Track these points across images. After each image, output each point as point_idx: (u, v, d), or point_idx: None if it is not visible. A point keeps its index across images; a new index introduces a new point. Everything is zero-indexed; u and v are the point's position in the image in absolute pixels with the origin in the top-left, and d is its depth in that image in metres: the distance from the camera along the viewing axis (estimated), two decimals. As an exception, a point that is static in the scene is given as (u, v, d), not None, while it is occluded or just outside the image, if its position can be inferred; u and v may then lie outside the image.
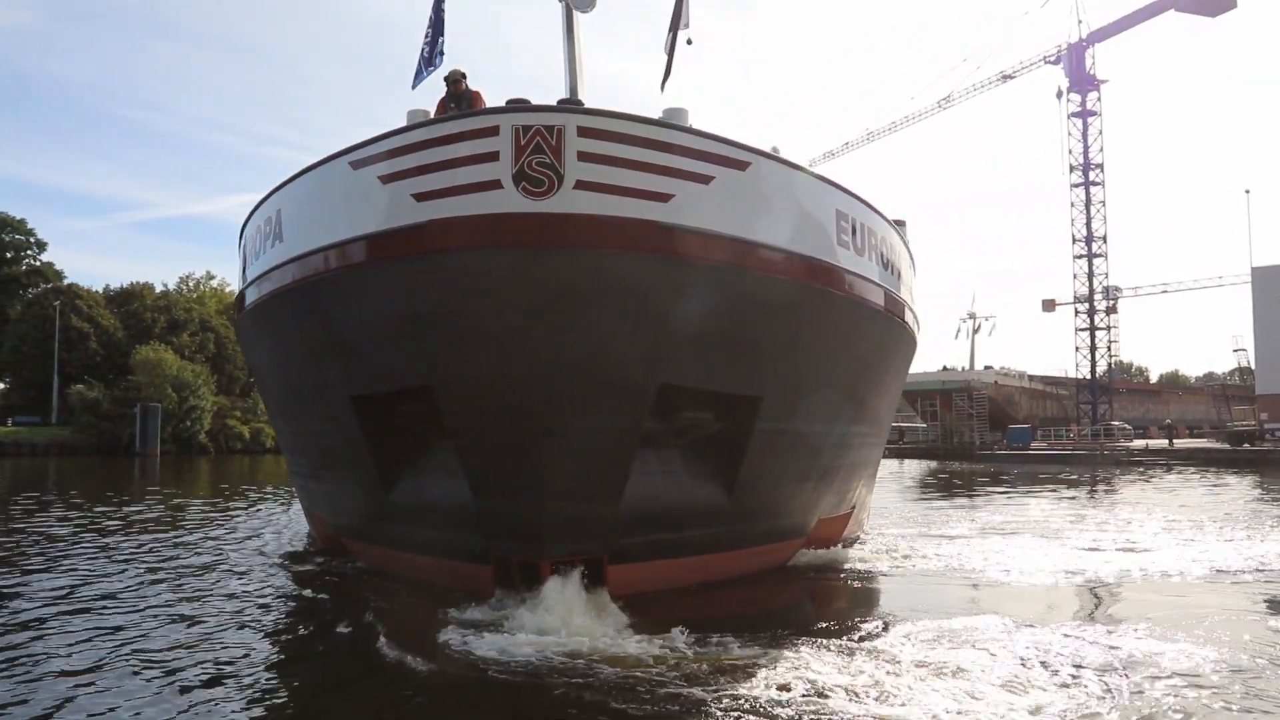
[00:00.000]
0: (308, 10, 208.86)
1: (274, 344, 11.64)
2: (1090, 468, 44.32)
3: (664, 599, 9.00)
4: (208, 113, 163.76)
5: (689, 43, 10.08)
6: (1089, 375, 75.39)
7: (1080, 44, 72.20)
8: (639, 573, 9.11)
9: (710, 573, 10.00)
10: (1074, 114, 73.27)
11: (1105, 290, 74.57)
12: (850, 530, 13.64)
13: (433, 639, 7.43)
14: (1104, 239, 73.50)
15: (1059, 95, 73.89)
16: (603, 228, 7.91)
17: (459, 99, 9.79)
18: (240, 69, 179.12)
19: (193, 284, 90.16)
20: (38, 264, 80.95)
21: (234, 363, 75.01)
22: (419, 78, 10.27)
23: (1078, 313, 75.31)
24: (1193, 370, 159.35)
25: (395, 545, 10.53)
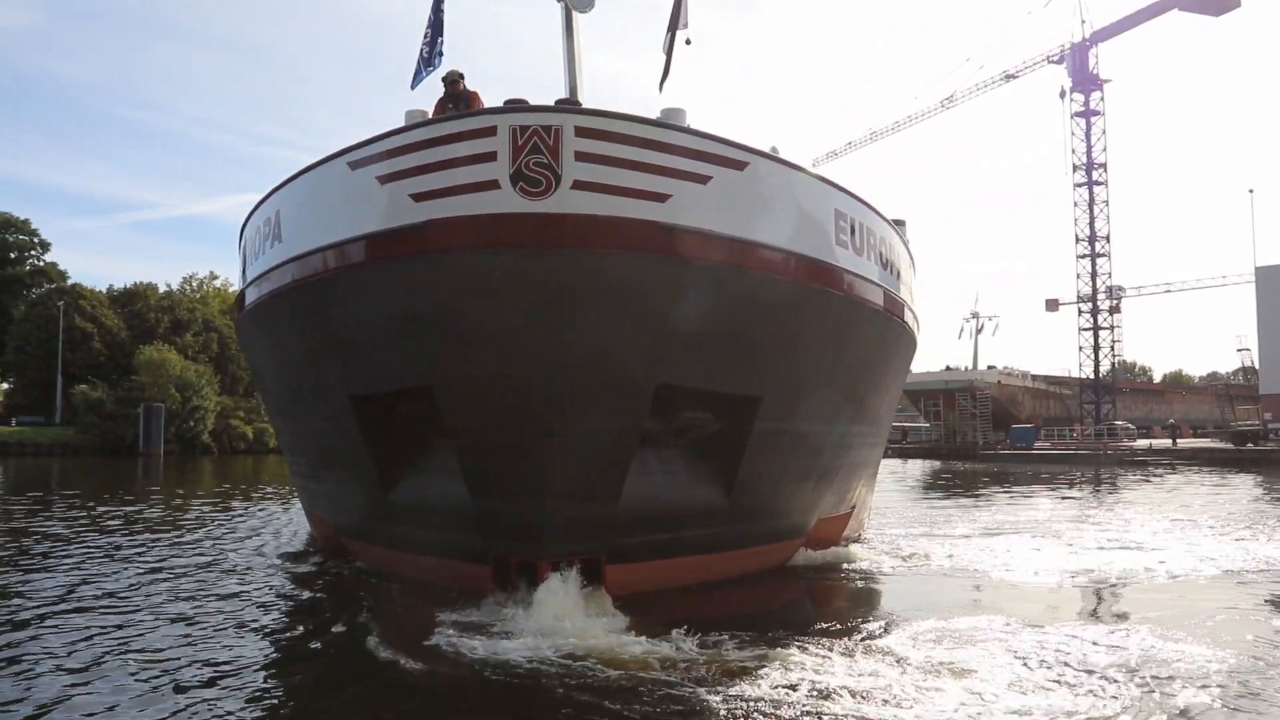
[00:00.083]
0: (308, 10, 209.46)
1: (273, 344, 11.65)
2: (1094, 468, 44.20)
3: (663, 599, 8.98)
4: (208, 113, 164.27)
5: (688, 43, 10.08)
6: (1092, 375, 75.34)
7: (1083, 43, 72.19)
8: (638, 573, 9.10)
9: (710, 573, 9.99)
10: (1077, 113, 73.27)
11: (1109, 290, 74.55)
12: (851, 530, 13.63)
13: (431, 640, 7.41)
14: (1107, 238, 73.55)
15: (1062, 95, 73.95)
16: (601, 228, 7.91)
17: (457, 99, 9.80)
18: (240, 69, 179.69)
19: (196, 284, 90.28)
20: (41, 264, 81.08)
21: (237, 363, 75.00)
22: (418, 78, 10.29)
23: (1081, 312, 75.36)
24: (1196, 370, 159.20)
25: (395, 545, 10.53)
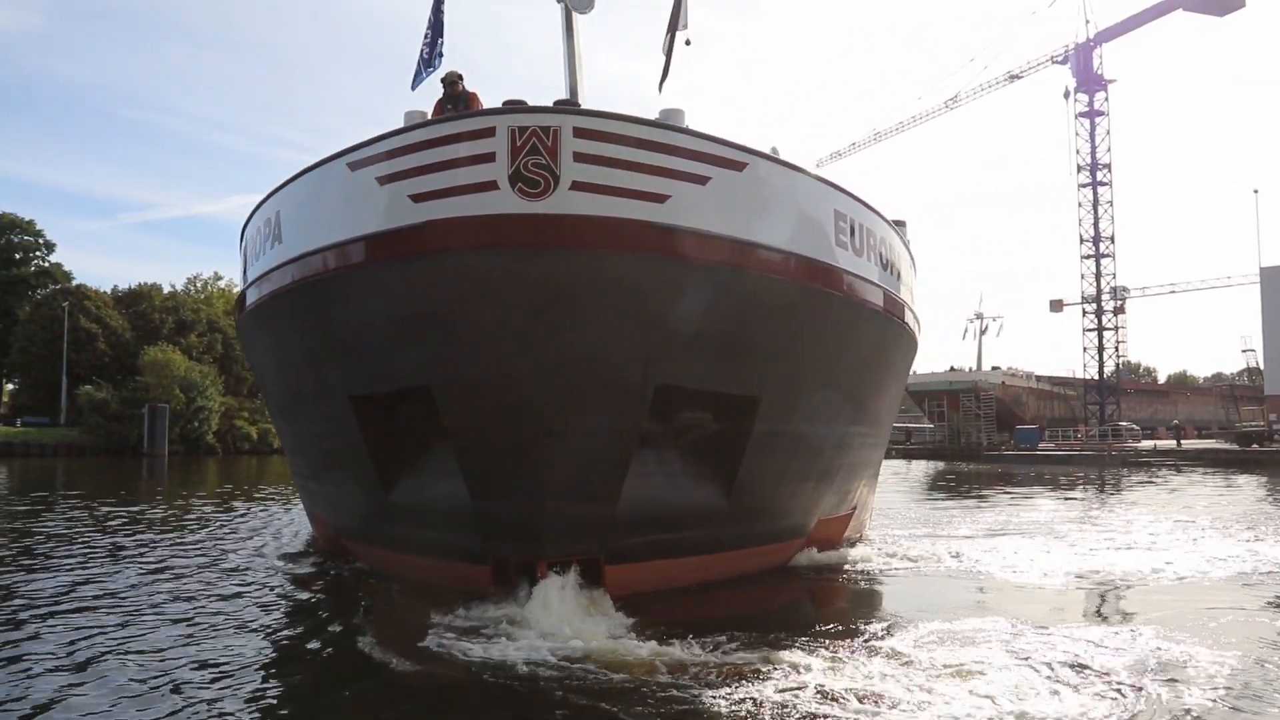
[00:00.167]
0: (310, 11, 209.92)
1: (274, 345, 11.67)
2: (1098, 468, 44.15)
3: (663, 599, 8.98)
4: (212, 113, 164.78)
5: (687, 43, 10.10)
6: (1096, 376, 75.13)
7: (1088, 44, 72.03)
8: (637, 573, 9.10)
9: (709, 573, 9.99)
10: (1081, 114, 73.10)
11: (1113, 290, 74.36)
12: (851, 531, 13.61)
13: (430, 640, 7.41)
14: (1112, 239, 73.34)
15: (1066, 95, 73.80)
16: (599, 228, 7.91)
17: (456, 100, 9.81)
18: (244, 69, 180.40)
19: (200, 284, 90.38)
20: (46, 265, 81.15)
21: (241, 363, 74.98)
22: (418, 79, 10.31)
23: (1085, 313, 75.12)
24: (1201, 371, 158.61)
25: (394, 546, 10.53)
